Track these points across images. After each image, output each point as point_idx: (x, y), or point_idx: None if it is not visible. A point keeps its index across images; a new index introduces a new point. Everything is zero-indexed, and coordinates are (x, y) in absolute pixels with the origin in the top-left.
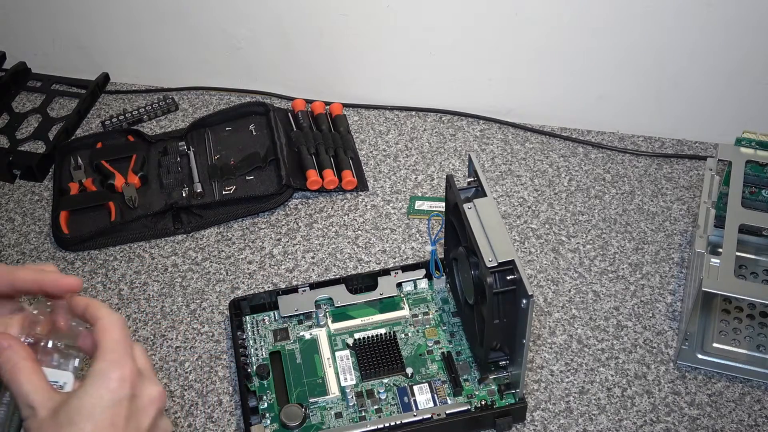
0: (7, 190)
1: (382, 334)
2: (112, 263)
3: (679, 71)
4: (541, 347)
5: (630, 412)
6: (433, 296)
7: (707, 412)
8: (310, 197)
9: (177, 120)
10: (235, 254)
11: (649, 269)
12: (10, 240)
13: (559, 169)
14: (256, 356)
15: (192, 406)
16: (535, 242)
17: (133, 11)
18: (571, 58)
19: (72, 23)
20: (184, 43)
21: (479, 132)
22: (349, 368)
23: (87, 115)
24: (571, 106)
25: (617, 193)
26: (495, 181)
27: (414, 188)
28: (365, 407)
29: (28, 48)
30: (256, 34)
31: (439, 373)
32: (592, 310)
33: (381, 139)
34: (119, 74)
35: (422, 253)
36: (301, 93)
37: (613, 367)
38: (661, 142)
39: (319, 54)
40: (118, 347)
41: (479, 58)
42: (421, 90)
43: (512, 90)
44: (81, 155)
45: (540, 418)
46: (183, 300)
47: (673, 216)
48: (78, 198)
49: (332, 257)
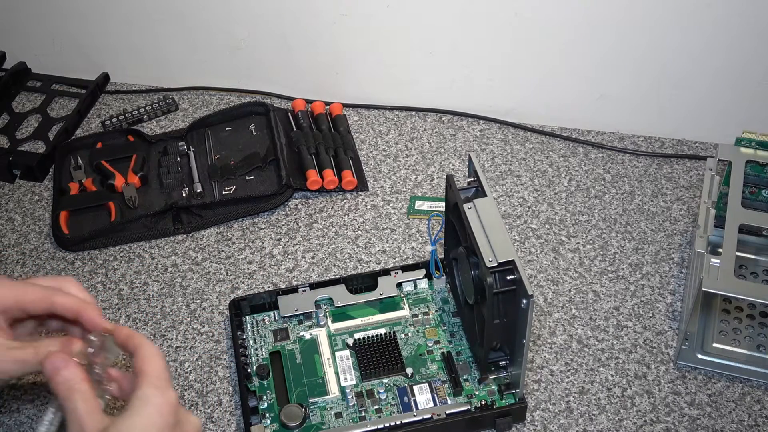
0: (7, 190)
1: (382, 334)
2: (112, 263)
3: (679, 71)
4: (541, 347)
5: (630, 412)
6: (433, 296)
7: (707, 412)
8: (310, 197)
9: (177, 120)
10: (235, 254)
11: (649, 269)
12: (10, 240)
13: (559, 169)
14: (256, 356)
15: (192, 406)
16: (535, 242)
17: (133, 11)
18: (571, 58)
19: (72, 23)
20: (184, 43)
21: (479, 132)
22: (349, 368)
23: (87, 115)
24: (571, 106)
25: (617, 193)
26: (495, 181)
27: (414, 188)
28: (365, 407)
29: (28, 48)
30: (256, 34)
31: (439, 373)
32: (592, 310)
33: (381, 139)
34: (119, 74)
35: (422, 253)
36: (301, 93)
37: (613, 367)
38: (661, 142)
39: (319, 54)
40: (163, 375)
41: (479, 58)
42: (421, 90)
43: (512, 90)
44: (81, 155)
45: (540, 418)
46: (183, 300)
47: (673, 216)
48: (78, 198)
49: (332, 257)
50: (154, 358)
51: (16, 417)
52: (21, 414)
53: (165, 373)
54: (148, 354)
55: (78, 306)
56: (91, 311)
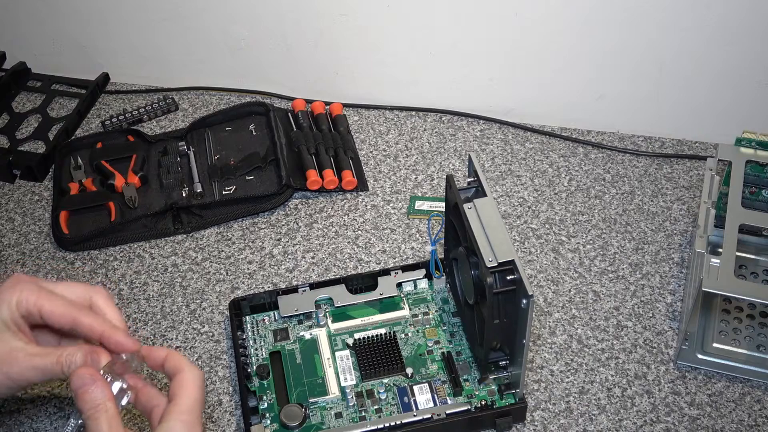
0: (7, 190)
1: (382, 334)
2: (112, 263)
3: (679, 71)
4: (541, 347)
5: (630, 412)
6: (433, 296)
7: (707, 412)
8: (310, 197)
9: (177, 120)
10: (235, 254)
11: (649, 269)
12: (10, 240)
13: (559, 169)
14: (256, 356)
15: None
16: (535, 242)
17: (133, 11)
18: (571, 59)
19: (72, 23)
20: (184, 43)
21: (479, 132)
22: (349, 368)
23: (87, 115)
24: (571, 106)
25: (617, 193)
26: (495, 181)
27: (414, 188)
28: (365, 407)
29: (28, 48)
30: (256, 34)
31: (439, 373)
32: (592, 310)
33: (381, 139)
34: (119, 74)
35: (422, 253)
36: (301, 93)
37: (613, 367)
38: (661, 142)
39: (319, 54)
40: (196, 408)
41: (479, 58)
42: (421, 90)
43: (512, 90)
44: (81, 155)
45: (540, 418)
46: (183, 300)
47: (673, 216)
48: (78, 198)
49: (332, 257)
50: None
51: (17, 417)
52: (21, 414)
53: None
54: (185, 380)
55: (103, 330)
56: (118, 336)
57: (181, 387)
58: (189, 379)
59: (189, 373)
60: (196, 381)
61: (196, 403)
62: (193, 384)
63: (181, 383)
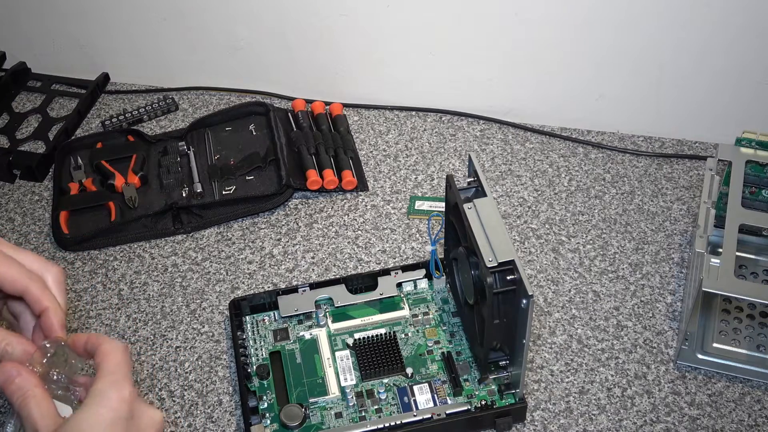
0: (7, 190)
1: (382, 334)
2: (112, 263)
3: (679, 71)
4: (541, 347)
5: (630, 412)
6: (433, 296)
7: (707, 412)
8: (310, 197)
9: (177, 120)
10: (235, 254)
11: (649, 269)
12: (10, 240)
13: (559, 169)
14: (256, 356)
15: (192, 406)
16: (535, 242)
17: (133, 11)
18: (571, 59)
19: (72, 23)
20: (184, 43)
21: (479, 132)
22: (349, 368)
23: (87, 115)
24: (571, 106)
25: (617, 193)
26: (495, 181)
27: (414, 188)
28: (365, 407)
29: (28, 48)
30: (256, 34)
31: (439, 373)
32: (592, 310)
33: (381, 139)
34: (119, 74)
35: (422, 253)
36: (301, 93)
37: (613, 367)
38: (661, 142)
39: (319, 54)
40: (118, 369)
41: (479, 58)
42: (421, 90)
43: (512, 90)
44: (81, 155)
45: (540, 418)
46: (183, 300)
47: (673, 216)
48: (78, 198)
49: (332, 257)
50: (112, 354)
51: None
52: None
53: (122, 368)
54: (105, 350)
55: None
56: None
57: (104, 354)
58: (109, 348)
59: (109, 344)
60: (118, 348)
61: (119, 366)
62: (114, 350)
63: (103, 351)
